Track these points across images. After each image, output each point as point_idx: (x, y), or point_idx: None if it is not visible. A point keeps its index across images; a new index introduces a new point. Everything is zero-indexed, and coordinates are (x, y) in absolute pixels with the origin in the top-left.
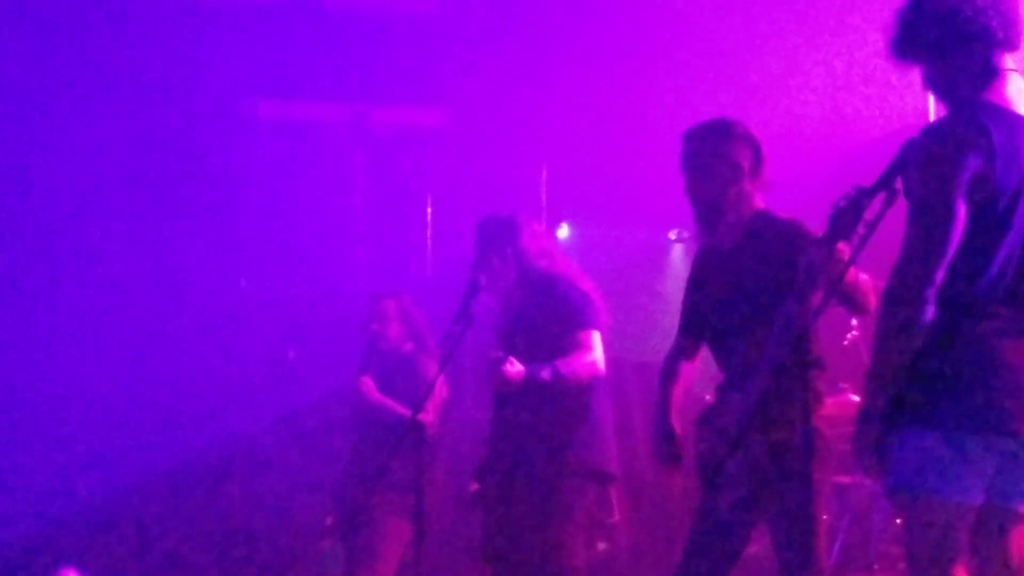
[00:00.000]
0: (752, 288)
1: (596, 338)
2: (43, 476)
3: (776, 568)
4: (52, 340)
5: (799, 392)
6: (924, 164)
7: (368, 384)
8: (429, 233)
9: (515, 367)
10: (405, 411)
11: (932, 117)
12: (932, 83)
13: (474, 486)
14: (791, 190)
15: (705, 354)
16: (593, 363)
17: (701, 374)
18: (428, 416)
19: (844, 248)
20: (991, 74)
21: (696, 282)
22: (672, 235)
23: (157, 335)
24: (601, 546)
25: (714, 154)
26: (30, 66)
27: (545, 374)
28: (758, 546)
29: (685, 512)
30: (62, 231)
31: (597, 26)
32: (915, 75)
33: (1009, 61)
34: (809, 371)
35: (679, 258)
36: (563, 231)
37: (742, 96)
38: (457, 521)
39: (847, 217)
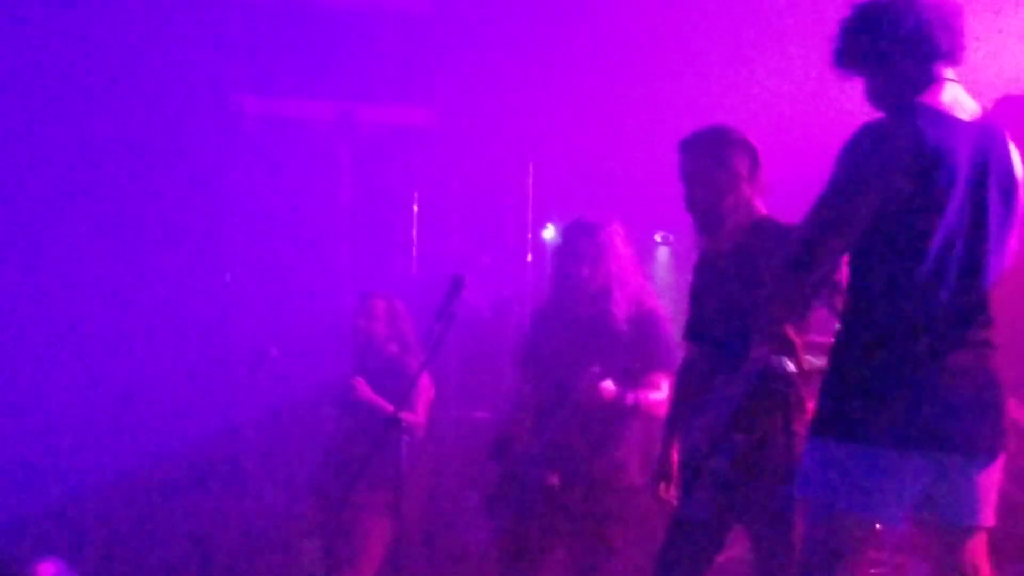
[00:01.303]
0: (752, 294)
1: (667, 384)
2: (24, 470)
3: (754, 573)
4: (33, 335)
5: (782, 396)
6: (845, 154)
7: (362, 384)
8: (415, 231)
9: (611, 386)
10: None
11: None
12: (875, 93)
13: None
14: (786, 194)
15: None
16: (661, 403)
17: None
18: (417, 417)
19: None
20: (935, 83)
21: (698, 289)
22: (657, 237)
23: (140, 331)
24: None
25: (711, 161)
26: (15, 62)
27: (630, 399)
28: (737, 550)
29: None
30: (44, 227)
31: (583, 25)
32: None
33: (950, 73)
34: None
35: (664, 260)
36: (549, 231)
37: (730, 97)
38: (444, 521)
39: None
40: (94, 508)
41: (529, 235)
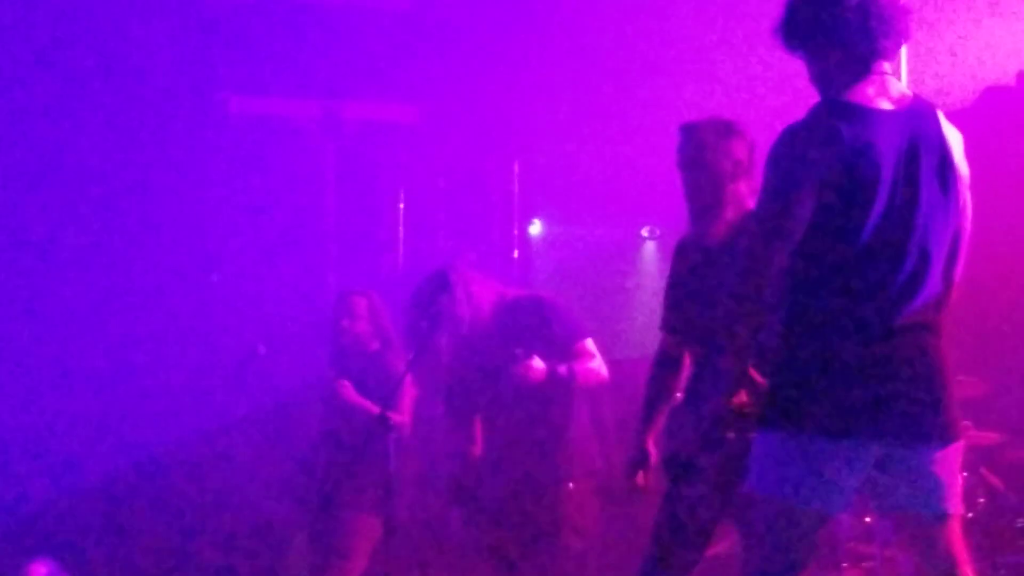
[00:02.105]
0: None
1: (593, 344)
2: (12, 470)
3: (742, 568)
4: (18, 336)
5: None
6: (774, 159)
7: (347, 386)
8: (401, 229)
9: (539, 363)
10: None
11: None
12: (812, 77)
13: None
14: None
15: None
16: (602, 370)
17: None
18: (402, 416)
19: None
20: (865, 75)
21: (677, 278)
22: (644, 232)
23: (126, 331)
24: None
25: (717, 150)
26: None
27: (562, 371)
28: (725, 545)
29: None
30: (28, 226)
31: (570, 21)
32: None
33: (887, 66)
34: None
35: (651, 255)
36: (535, 227)
37: (716, 93)
38: (428, 519)
39: None
40: (81, 508)
41: (515, 231)
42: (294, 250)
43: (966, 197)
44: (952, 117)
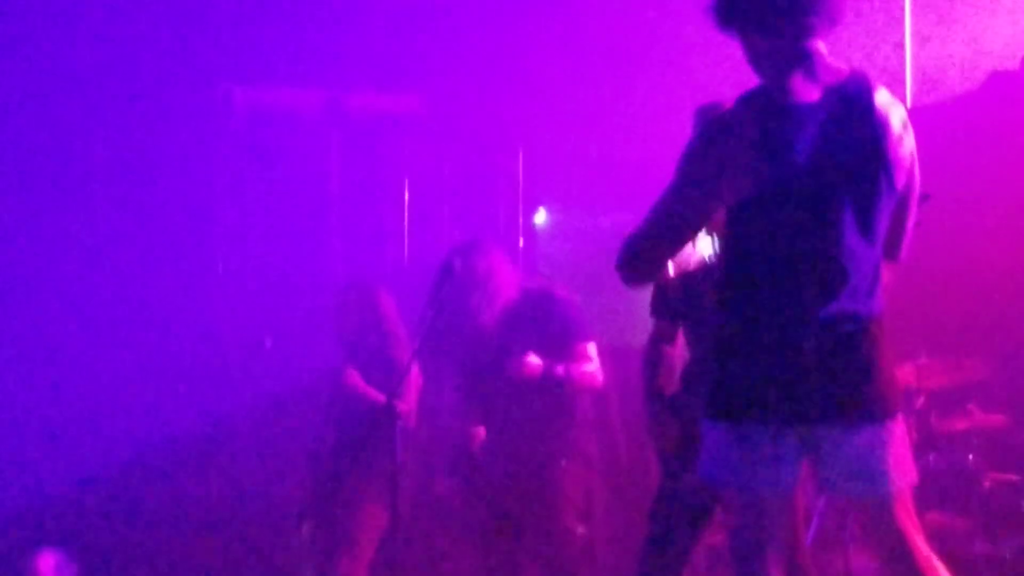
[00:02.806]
0: None
1: (594, 349)
2: (18, 462)
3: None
4: (23, 327)
5: None
6: (689, 149)
7: (353, 375)
8: (406, 218)
9: (535, 360)
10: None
11: (909, 97)
12: (747, 57)
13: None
14: None
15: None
16: (597, 375)
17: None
18: (406, 405)
19: None
20: (798, 59)
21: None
22: None
23: (132, 322)
24: (580, 530)
25: None
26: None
27: (559, 370)
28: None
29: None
30: (32, 219)
31: (574, 11)
32: (889, 63)
33: (821, 46)
34: None
35: None
36: (540, 216)
37: (724, 78)
38: (433, 508)
39: None
40: (89, 498)
41: (520, 220)
42: (299, 241)
43: (909, 170)
44: (956, 102)
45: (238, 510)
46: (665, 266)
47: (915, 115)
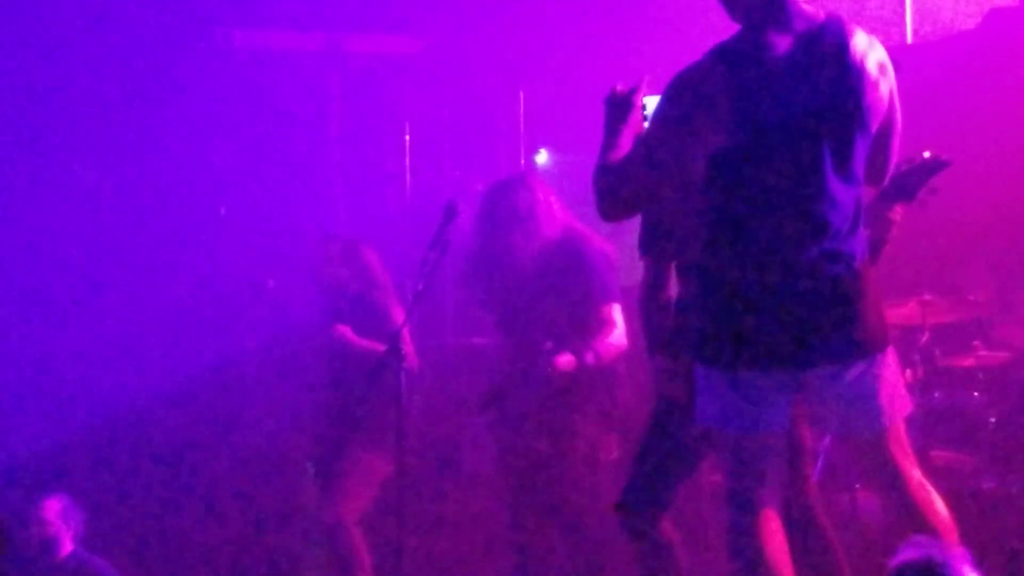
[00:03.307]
0: None
1: (619, 311)
2: (20, 408)
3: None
4: (26, 267)
5: None
6: (661, 101)
7: (345, 330)
8: (407, 161)
9: (566, 358)
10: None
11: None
12: (722, 4)
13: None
14: None
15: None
16: (622, 341)
17: None
18: (408, 347)
19: (899, 210)
20: (772, 6)
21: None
22: None
23: (134, 268)
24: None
25: None
26: None
27: (589, 358)
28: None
29: None
30: (37, 162)
31: None
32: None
33: None
34: None
35: None
36: (542, 156)
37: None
38: (447, 447)
39: (913, 179)
40: (92, 443)
41: (522, 161)
42: (301, 183)
43: (888, 111)
44: (956, 38)
45: (243, 450)
46: (642, 204)
47: (915, 52)
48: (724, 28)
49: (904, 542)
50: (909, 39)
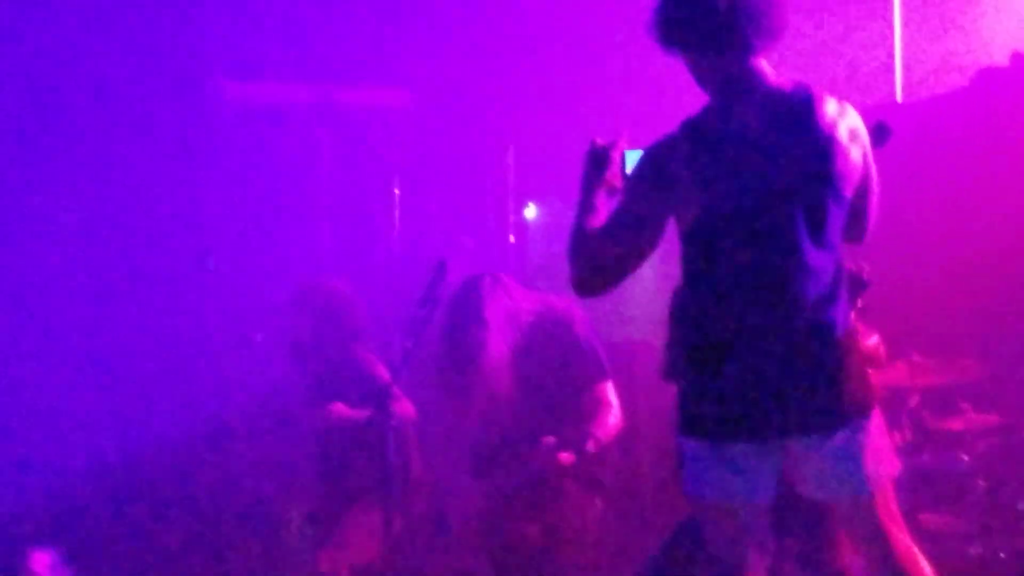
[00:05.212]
0: None
1: (612, 389)
2: (9, 463)
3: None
4: (14, 323)
5: None
6: (634, 171)
7: (339, 408)
8: (396, 214)
9: (568, 455)
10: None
11: (899, 92)
12: (691, 75)
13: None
14: None
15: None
16: (619, 420)
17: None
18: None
19: None
20: (741, 77)
21: None
22: None
23: (123, 319)
24: (598, 503)
25: None
26: None
27: (591, 448)
28: None
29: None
30: (22, 215)
31: (563, 6)
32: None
33: (762, 63)
34: None
35: None
36: (530, 211)
37: None
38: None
39: None
40: (80, 499)
41: (511, 216)
42: (289, 235)
43: (862, 176)
44: (946, 98)
45: (230, 507)
46: (616, 282)
47: (904, 111)
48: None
49: None
50: (899, 98)
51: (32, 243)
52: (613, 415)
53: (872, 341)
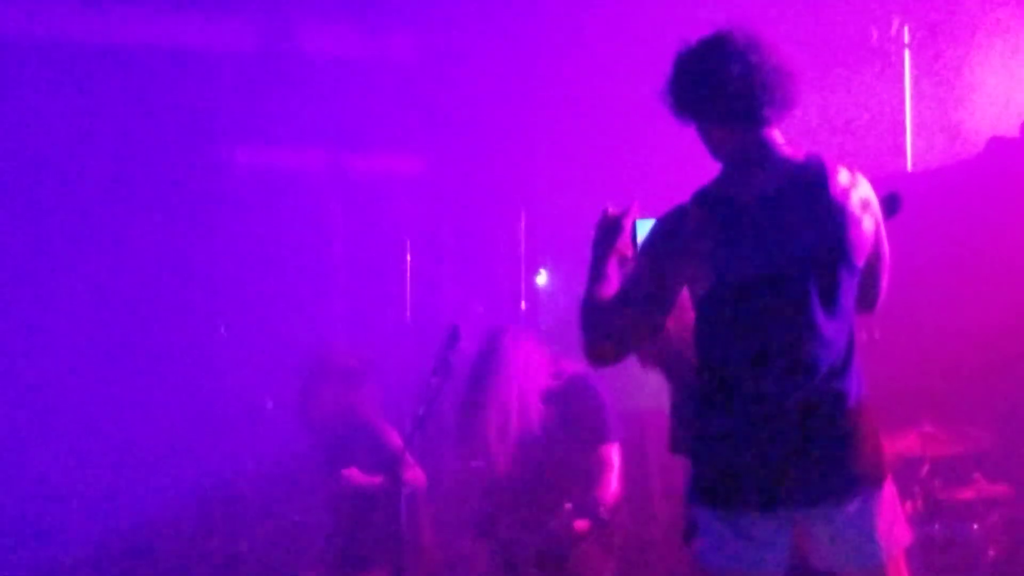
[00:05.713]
0: None
1: (617, 453)
2: (21, 529)
3: None
4: (26, 386)
5: None
6: (647, 239)
7: (353, 473)
8: (408, 280)
9: (583, 523)
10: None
11: (909, 161)
12: (704, 143)
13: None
14: None
15: None
16: (617, 485)
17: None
18: (414, 471)
19: None
20: (753, 147)
21: None
22: None
23: (134, 385)
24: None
25: None
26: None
27: (604, 515)
28: None
29: None
30: (39, 281)
31: (574, 72)
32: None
33: (775, 133)
34: None
35: None
36: (542, 278)
37: None
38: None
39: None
40: (88, 566)
41: (523, 283)
42: (301, 302)
43: (873, 245)
44: (956, 167)
45: (240, 574)
46: (628, 351)
47: (915, 180)
48: None
49: None
50: (910, 167)
51: (45, 310)
52: (613, 476)
53: None
